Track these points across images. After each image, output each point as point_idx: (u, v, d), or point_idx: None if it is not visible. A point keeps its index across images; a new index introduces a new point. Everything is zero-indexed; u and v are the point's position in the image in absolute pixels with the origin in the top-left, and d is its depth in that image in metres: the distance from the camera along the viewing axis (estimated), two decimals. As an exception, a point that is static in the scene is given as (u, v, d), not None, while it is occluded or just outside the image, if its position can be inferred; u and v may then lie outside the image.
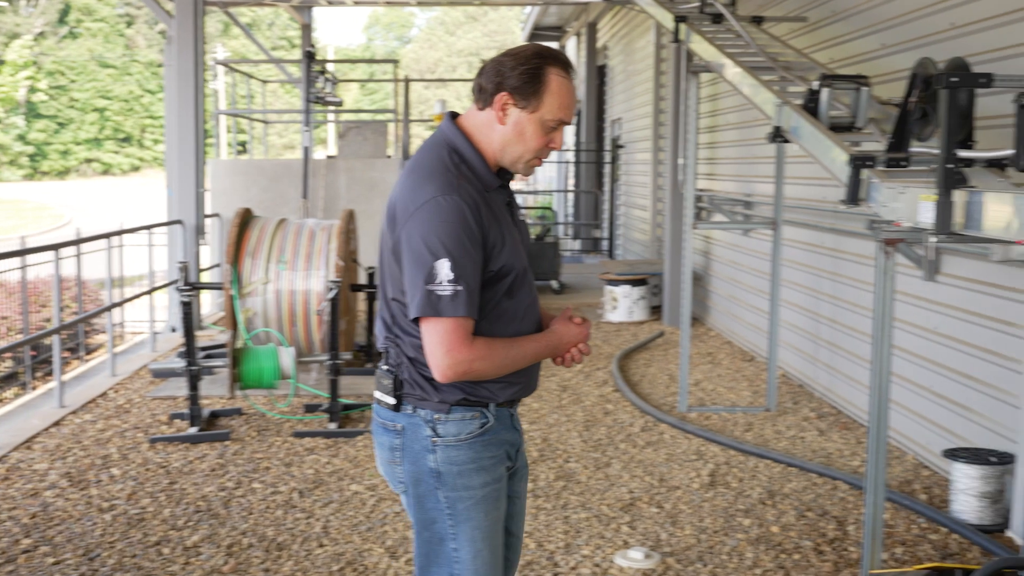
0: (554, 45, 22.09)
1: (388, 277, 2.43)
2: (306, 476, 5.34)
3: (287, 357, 6.18)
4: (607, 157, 16.36)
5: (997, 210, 3.06)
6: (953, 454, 4.71)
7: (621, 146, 15.29)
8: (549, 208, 17.43)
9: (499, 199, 2.45)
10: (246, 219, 7.85)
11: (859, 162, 3.96)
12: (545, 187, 21.90)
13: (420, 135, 28.85)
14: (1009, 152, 3.32)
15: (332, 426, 6.21)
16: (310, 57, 11.21)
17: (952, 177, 3.24)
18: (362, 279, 8.22)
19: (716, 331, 9.89)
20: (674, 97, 9.96)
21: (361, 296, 8.32)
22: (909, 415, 5.77)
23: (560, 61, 2.40)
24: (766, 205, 7.80)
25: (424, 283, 2.29)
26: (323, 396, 6.66)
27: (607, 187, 16.11)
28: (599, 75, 17.46)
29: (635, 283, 10.39)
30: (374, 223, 11.30)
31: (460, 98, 38.83)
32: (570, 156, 18.15)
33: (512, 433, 2.53)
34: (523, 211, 2.88)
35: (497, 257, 2.37)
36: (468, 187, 2.34)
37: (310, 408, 6.62)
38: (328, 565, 4.20)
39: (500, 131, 2.40)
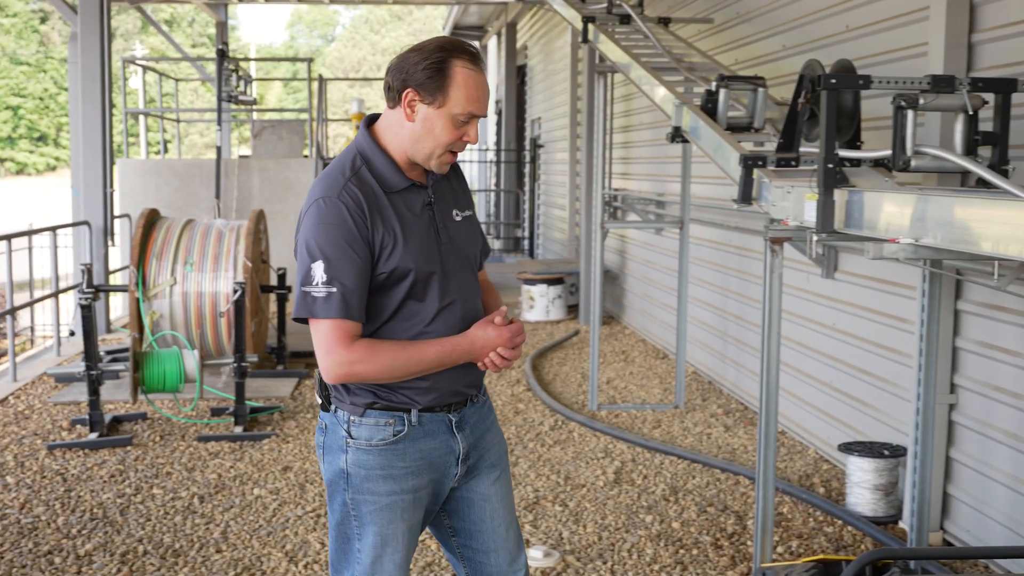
0: (475, 44, 22.09)
1: None
2: (208, 481, 5.26)
3: (191, 360, 6.07)
4: (527, 157, 16.40)
5: (875, 209, 3.13)
6: (848, 448, 4.81)
7: (541, 146, 15.34)
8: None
9: (413, 200, 2.42)
10: (152, 220, 7.71)
11: (750, 162, 4.02)
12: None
13: (342, 134, 28.62)
14: (887, 152, 3.40)
15: (238, 430, 6.12)
16: (222, 55, 11.04)
17: (832, 176, 3.31)
18: (274, 280, 8.10)
19: (631, 329, 9.97)
20: (588, 97, 10.02)
21: (272, 298, 8.21)
22: (810, 410, 5.88)
23: (465, 52, 2.36)
24: (677, 204, 7.88)
25: (301, 285, 2.31)
26: (230, 399, 6.55)
27: (528, 187, 16.15)
28: (519, 75, 17.50)
29: (551, 282, 10.44)
30: (288, 224, 11.17)
31: (375, 92, 38.66)
32: (491, 156, 18.16)
33: (451, 440, 2.49)
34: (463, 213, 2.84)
35: (388, 259, 2.34)
36: (356, 189, 2.33)
37: (216, 412, 6.51)
38: (225, 571, 4.13)
39: (409, 128, 2.37)
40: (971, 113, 3.33)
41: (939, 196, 2.78)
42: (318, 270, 2.27)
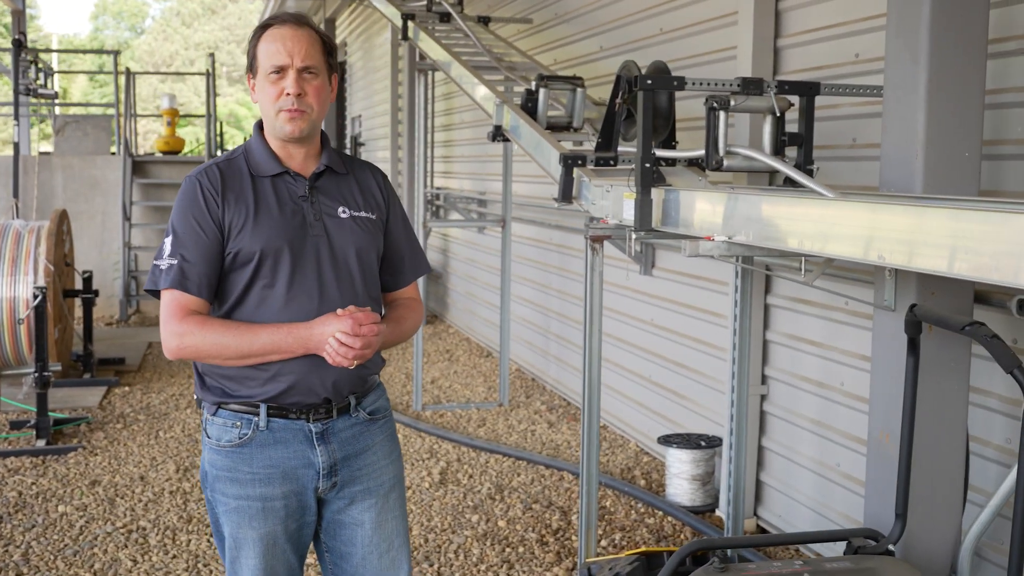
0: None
1: None
2: (7, 499, 4.91)
3: (-14, 371, 5.67)
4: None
5: (690, 207, 3.20)
6: (667, 440, 4.93)
7: (362, 144, 15.15)
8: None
9: (285, 187, 2.41)
10: (-59, 221, 7.17)
11: (570, 161, 4.05)
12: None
13: (153, 130, 27.47)
14: (701, 152, 3.48)
15: (41, 443, 5.75)
16: (19, 45, 10.38)
17: (649, 176, 3.36)
18: (79, 284, 7.67)
19: (455, 328, 9.96)
20: (410, 95, 9.96)
21: (77, 302, 7.77)
22: (631, 404, 6.01)
23: (274, 21, 2.41)
24: (499, 203, 7.92)
25: (155, 259, 2.41)
26: (31, 411, 6.16)
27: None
28: (339, 71, 17.23)
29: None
30: (95, 224, 10.64)
31: (198, 92, 37.29)
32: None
33: (308, 451, 2.39)
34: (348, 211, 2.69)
35: (236, 239, 2.35)
36: (217, 171, 2.40)
37: (16, 425, 6.11)
38: (25, 596, 3.87)
39: (259, 107, 2.43)
40: (778, 115, 3.45)
41: (749, 195, 2.86)
42: (167, 244, 2.35)
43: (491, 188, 8.58)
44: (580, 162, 4.05)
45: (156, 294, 2.39)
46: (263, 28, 2.41)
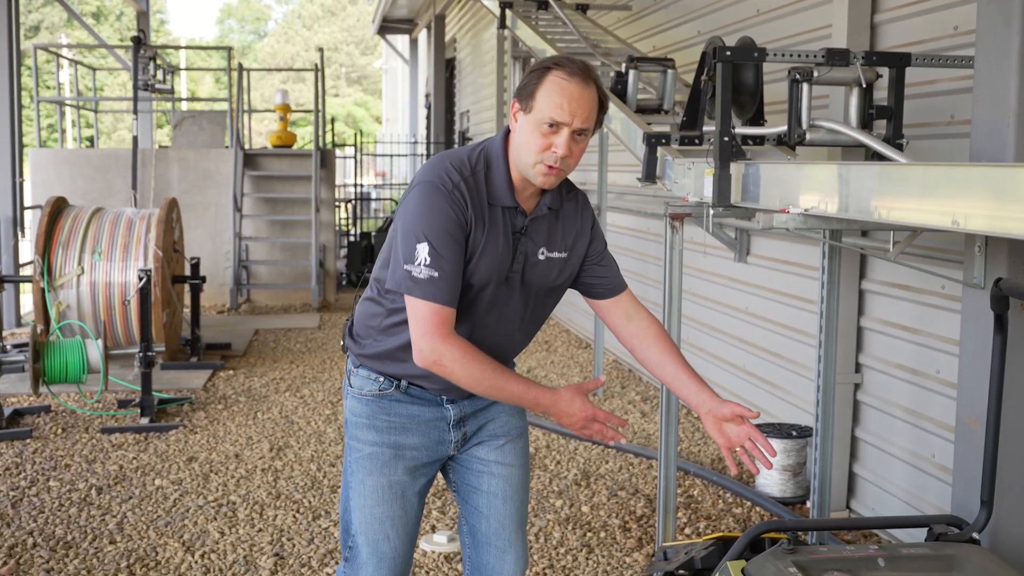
0: (404, 38, 21.94)
1: None
2: (109, 472, 5.09)
3: (94, 349, 5.89)
4: (456, 150, 16.31)
5: (770, 180, 3.10)
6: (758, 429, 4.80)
7: (469, 139, 15.26)
8: (397, 201, 17.31)
9: (509, 220, 2.40)
10: (59, 208, 7.49)
11: (654, 140, 3.99)
12: (400, 181, 21.74)
13: (265, 127, 28.23)
14: (783, 128, 3.38)
15: (144, 421, 5.95)
16: (138, 42, 10.78)
17: (728, 149, 3.28)
18: (188, 271, 7.91)
19: (556, 319, 9.94)
20: (499, 82, 9.97)
21: (186, 288, 8.02)
22: (724, 393, 5.88)
23: (567, 64, 2.33)
24: (595, 191, 7.87)
25: (404, 262, 2.38)
26: (138, 391, 6.37)
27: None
28: (448, 68, 17.40)
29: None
30: (209, 215, 10.96)
31: (309, 88, 38.11)
32: (421, 149, 18.05)
33: (441, 408, 2.51)
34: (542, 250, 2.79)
35: (471, 262, 2.37)
36: (465, 190, 2.35)
37: (124, 404, 6.33)
38: (117, 562, 3.99)
39: (514, 137, 2.37)
40: (865, 87, 3.33)
41: (830, 165, 2.76)
42: (422, 251, 2.29)
43: (589, 179, 8.52)
44: (664, 141, 3.98)
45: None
46: (550, 69, 2.31)
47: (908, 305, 4.12)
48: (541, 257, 2.45)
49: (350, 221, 15.33)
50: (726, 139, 3.28)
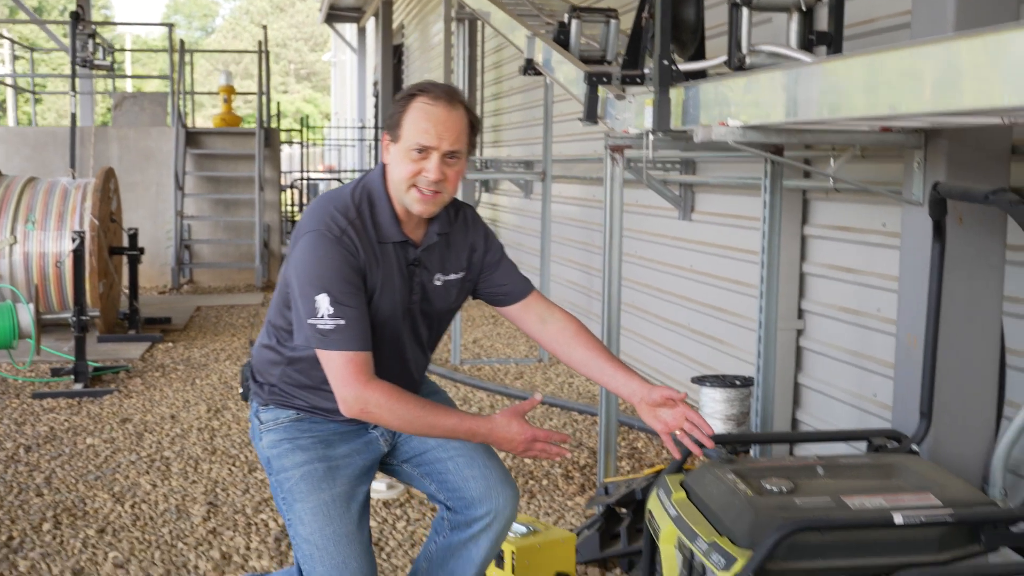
0: (352, 27, 21.78)
1: None
2: (38, 433, 4.94)
3: (25, 314, 5.71)
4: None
5: (709, 98, 3.05)
6: (700, 380, 4.77)
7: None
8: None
9: (400, 255, 2.37)
10: (-10, 176, 7.28)
11: (595, 79, 3.93)
12: (349, 168, 21.57)
13: (209, 113, 27.95)
14: (724, 59, 3.34)
15: (78, 387, 5.79)
16: (76, 18, 10.54)
17: (667, 74, 3.23)
18: (126, 242, 7.73)
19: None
20: (460, 68, 9.89)
21: (124, 261, 7.83)
22: (669, 353, 5.86)
23: (431, 89, 2.32)
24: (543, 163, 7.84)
25: (307, 317, 2.32)
26: (70, 359, 6.20)
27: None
28: (396, 54, 17.28)
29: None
30: (150, 195, 10.76)
31: (250, 73, 37.70)
32: (370, 135, 17.92)
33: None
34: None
35: (371, 303, 2.35)
36: (355, 235, 2.32)
37: (56, 372, 6.15)
38: (43, 512, 3.85)
39: (388, 169, 2.35)
40: (805, 10, 3.29)
41: (771, 72, 2.70)
42: (323, 303, 2.24)
43: (534, 152, 8.48)
44: (605, 80, 3.93)
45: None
46: (414, 96, 2.30)
47: (850, 246, 4.11)
48: (438, 283, 2.44)
49: (297, 209, 15.16)
50: (665, 63, 3.23)
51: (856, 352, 4.08)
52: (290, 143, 20.01)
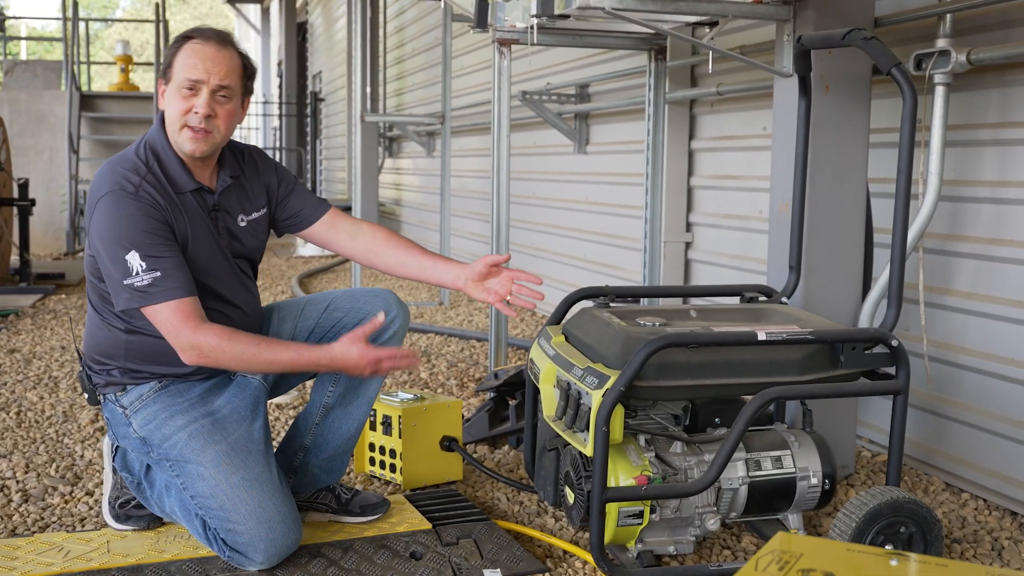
0: (256, 7, 21.53)
1: None
2: (-80, 362, 4.80)
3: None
4: (308, 111, 16.08)
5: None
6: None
7: (322, 99, 15.06)
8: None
9: (200, 203, 2.40)
10: None
11: (484, -16, 3.98)
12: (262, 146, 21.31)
13: (102, 75, 27.42)
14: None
15: (-37, 325, 5.63)
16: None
17: (550, -43, 3.30)
18: (16, 193, 7.52)
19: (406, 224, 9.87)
20: (361, 35, 9.86)
21: (14, 213, 7.63)
22: (561, 285, 5.95)
23: (200, 32, 2.36)
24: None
25: (122, 279, 2.32)
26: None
27: (309, 144, 15.84)
28: (300, 32, 17.14)
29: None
30: (43, 160, 10.49)
31: (149, 43, 37.11)
32: (274, 109, 17.75)
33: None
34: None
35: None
36: (152, 189, 2.33)
37: (-59, 314, 5.98)
38: (-78, 419, 3.76)
39: (165, 114, 2.36)
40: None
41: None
42: (134, 260, 2.22)
43: (434, 107, 8.51)
44: (494, -15, 3.99)
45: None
46: (185, 38, 2.34)
47: (733, 154, 4.24)
48: (243, 224, 2.47)
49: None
50: (548, -52, 3.30)
51: (740, 255, 4.21)
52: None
